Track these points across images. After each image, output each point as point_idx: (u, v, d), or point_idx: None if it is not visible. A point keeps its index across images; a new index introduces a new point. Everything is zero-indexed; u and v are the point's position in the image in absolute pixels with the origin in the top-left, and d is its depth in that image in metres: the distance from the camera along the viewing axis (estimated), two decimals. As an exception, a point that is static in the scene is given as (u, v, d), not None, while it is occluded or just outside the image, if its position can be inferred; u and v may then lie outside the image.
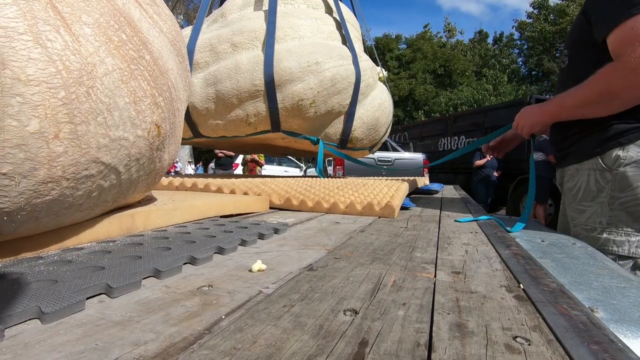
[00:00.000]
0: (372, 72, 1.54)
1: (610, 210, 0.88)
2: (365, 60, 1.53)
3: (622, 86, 0.78)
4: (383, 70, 1.75)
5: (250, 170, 5.65)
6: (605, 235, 0.89)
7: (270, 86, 1.25)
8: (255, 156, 5.50)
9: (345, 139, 1.48)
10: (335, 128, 1.45)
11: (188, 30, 1.48)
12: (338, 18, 1.50)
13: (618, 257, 0.88)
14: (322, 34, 1.36)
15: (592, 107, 0.87)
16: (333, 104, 1.35)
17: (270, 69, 1.24)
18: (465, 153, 1.19)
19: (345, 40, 1.45)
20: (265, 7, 1.40)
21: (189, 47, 1.35)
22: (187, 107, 1.32)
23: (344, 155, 1.51)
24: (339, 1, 1.54)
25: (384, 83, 1.70)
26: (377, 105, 1.55)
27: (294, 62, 1.25)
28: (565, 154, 1.00)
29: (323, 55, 1.29)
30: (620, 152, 0.86)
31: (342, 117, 1.43)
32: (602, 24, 0.83)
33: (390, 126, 1.76)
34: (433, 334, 0.25)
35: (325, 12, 1.49)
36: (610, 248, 0.88)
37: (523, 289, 0.35)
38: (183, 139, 1.50)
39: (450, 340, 0.24)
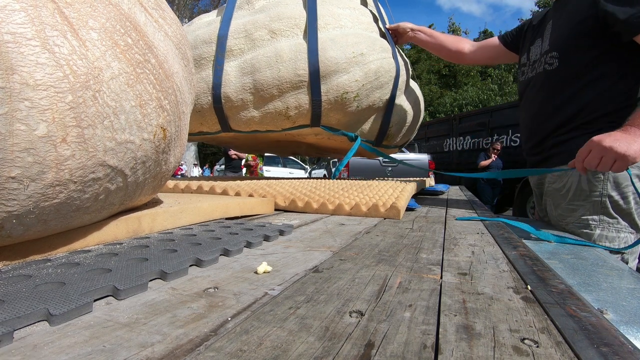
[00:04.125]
0: (408, 67, 1.49)
1: (603, 208, 0.93)
2: (402, 55, 1.47)
3: None
4: (411, 68, 1.70)
5: (252, 172, 5.68)
6: (598, 231, 0.93)
7: (315, 77, 1.17)
8: (257, 158, 5.55)
9: (381, 136, 1.40)
10: (373, 124, 1.37)
11: (207, 17, 1.39)
12: (374, 11, 1.42)
13: (609, 252, 0.91)
14: (362, 25, 1.29)
15: None
16: (374, 98, 1.28)
17: (315, 59, 1.16)
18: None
19: (384, 33, 1.38)
20: None
21: (222, 32, 1.25)
22: (220, 99, 1.23)
23: (379, 152, 1.41)
24: None
25: (415, 80, 1.66)
26: (412, 102, 1.49)
27: (339, 51, 1.18)
28: (547, 156, 1.03)
29: (367, 47, 1.22)
30: None
31: (380, 113, 1.36)
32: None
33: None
34: (440, 335, 0.25)
35: (361, 4, 1.40)
36: (604, 243, 0.92)
37: (531, 291, 0.34)
38: (208, 133, 1.40)
39: (457, 342, 0.24)
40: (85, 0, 0.40)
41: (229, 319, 0.27)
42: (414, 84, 1.57)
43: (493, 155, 5.30)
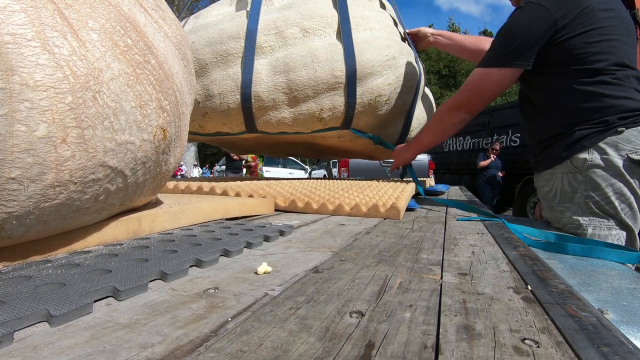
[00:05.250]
0: (424, 72, 1.50)
1: (588, 208, 0.93)
2: (420, 60, 1.47)
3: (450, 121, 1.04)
4: None
5: (252, 172, 5.70)
6: (590, 230, 0.93)
7: (352, 78, 1.15)
8: (257, 159, 5.56)
9: (403, 139, 1.41)
10: (395, 128, 1.37)
11: (215, 10, 1.32)
12: (393, 15, 1.41)
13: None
14: (387, 29, 1.28)
15: (440, 138, 1.13)
16: (401, 101, 1.29)
17: (353, 60, 1.14)
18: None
19: (404, 37, 1.38)
20: None
21: (251, 27, 1.17)
22: (250, 98, 1.16)
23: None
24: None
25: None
26: (427, 107, 1.50)
27: (374, 54, 1.17)
28: (539, 160, 1.05)
29: (397, 50, 1.22)
30: (586, 155, 0.91)
31: (403, 116, 1.37)
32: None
33: None
34: (440, 336, 0.25)
35: (380, 7, 1.38)
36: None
37: (531, 291, 0.34)
38: (228, 134, 1.32)
39: (457, 342, 0.24)
40: (85, 1, 0.40)
41: (229, 319, 0.27)
42: (427, 90, 1.59)
43: (492, 155, 5.30)
